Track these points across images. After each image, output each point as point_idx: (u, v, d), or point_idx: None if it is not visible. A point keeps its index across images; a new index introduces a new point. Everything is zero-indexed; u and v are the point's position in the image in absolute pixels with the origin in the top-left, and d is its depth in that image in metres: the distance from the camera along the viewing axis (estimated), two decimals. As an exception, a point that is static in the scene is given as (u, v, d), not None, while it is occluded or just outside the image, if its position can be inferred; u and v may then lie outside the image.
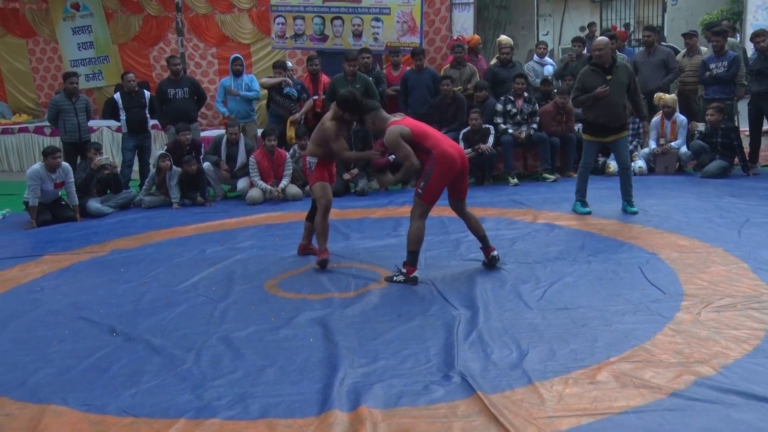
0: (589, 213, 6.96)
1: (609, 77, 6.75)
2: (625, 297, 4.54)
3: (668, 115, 9.13)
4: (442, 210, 5.92)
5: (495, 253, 5.38)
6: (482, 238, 5.41)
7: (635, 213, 6.84)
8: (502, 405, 3.20)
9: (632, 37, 18.69)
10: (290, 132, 9.27)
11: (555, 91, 9.72)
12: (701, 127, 9.03)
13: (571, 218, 6.83)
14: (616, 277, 4.98)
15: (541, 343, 3.85)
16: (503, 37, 10.31)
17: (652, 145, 9.23)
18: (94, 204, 8.31)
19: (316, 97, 9.47)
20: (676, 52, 10.16)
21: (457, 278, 5.15)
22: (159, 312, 4.74)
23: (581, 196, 7.12)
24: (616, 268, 5.17)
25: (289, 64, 10.46)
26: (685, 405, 3.13)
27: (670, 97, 9.25)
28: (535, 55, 10.94)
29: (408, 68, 9.81)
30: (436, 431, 3.04)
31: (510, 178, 8.97)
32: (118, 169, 8.90)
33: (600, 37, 7.38)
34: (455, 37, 10.63)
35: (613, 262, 5.30)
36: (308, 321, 4.42)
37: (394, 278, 5.16)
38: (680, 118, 9.17)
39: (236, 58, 9.77)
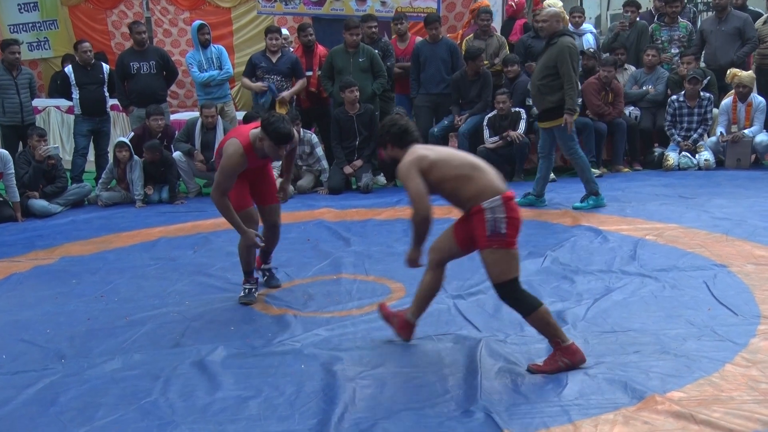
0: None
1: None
2: (686, 318, 4.55)
3: (743, 96, 9.12)
4: (458, 212, 5.91)
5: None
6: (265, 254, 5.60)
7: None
8: (535, 447, 3.22)
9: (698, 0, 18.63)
10: (281, 111, 9.29)
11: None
12: None
13: (620, 222, 6.85)
14: (675, 293, 5.00)
15: (582, 373, 3.87)
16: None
17: (721, 131, 9.21)
18: (39, 201, 8.38)
19: (310, 74, 9.51)
20: (756, 17, 10.09)
21: (481, 294, 5.16)
22: (119, 332, 4.77)
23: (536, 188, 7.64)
24: (675, 282, 5.19)
25: (285, 31, 10.47)
26: (760, 451, 3.13)
27: (747, 75, 9.22)
28: (570, 25, 10.94)
29: (419, 39, 9.82)
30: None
31: (546, 173, 9.00)
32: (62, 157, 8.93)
33: (549, 8, 7.31)
34: (479, 1, 10.64)
35: (672, 276, 5.32)
36: (301, 343, 4.44)
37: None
38: (757, 99, 9.17)
39: (202, 26, 9.78)
